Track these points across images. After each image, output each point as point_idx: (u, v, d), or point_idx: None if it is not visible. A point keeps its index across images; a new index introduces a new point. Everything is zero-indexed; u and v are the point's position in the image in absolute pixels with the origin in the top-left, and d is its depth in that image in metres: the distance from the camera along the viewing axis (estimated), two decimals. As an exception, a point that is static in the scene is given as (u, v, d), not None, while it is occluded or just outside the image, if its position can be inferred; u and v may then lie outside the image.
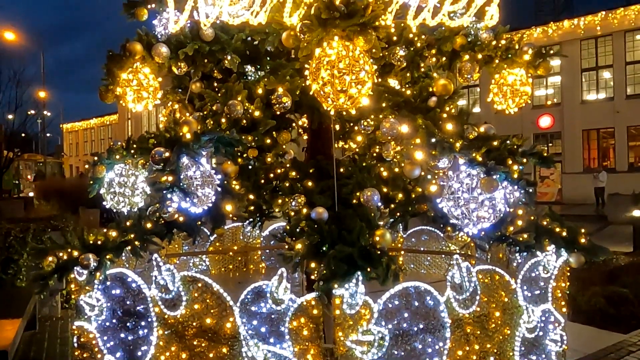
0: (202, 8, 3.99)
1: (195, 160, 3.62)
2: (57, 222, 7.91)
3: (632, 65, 26.01)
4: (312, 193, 4.30)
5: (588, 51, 27.26)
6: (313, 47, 3.39)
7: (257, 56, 4.90)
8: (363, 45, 3.33)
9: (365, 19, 3.24)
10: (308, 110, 4.81)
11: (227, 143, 3.75)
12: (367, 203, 4.01)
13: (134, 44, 4.28)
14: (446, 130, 3.90)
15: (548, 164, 4.69)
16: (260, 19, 3.89)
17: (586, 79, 27.68)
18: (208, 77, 5.14)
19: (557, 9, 31.14)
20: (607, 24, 25.99)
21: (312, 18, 3.36)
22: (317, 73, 3.35)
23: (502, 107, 4.77)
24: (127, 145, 4.77)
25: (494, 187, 3.54)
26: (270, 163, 5.09)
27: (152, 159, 3.57)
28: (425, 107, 4.17)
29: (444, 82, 4.16)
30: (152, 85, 4.42)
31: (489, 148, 3.81)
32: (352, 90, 3.32)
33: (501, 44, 4.62)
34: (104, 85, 4.50)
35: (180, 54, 4.35)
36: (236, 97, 4.15)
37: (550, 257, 4.15)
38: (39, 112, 38.11)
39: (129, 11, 4.80)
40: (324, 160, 4.76)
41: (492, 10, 4.19)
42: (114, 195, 4.94)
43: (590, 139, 27.64)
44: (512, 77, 4.62)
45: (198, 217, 4.00)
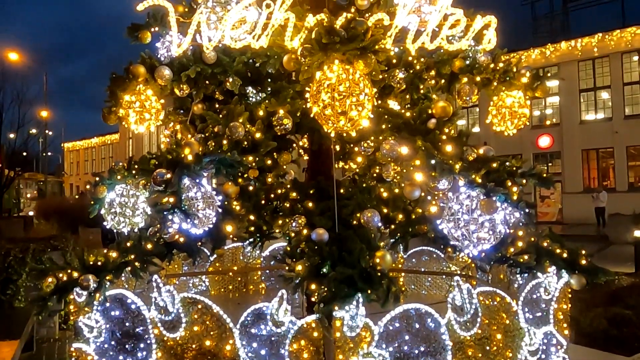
0: (204, 32, 4.06)
1: (197, 182, 3.64)
2: (57, 242, 7.90)
3: (629, 86, 26.24)
4: (313, 214, 4.31)
5: (586, 72, 27.53)
6: (314, 70, 3.45)
7: (258, 78, 4.96)
8: (363, 68, 3.39)
9: (365, 43, 3.30)
10: (309, 131, 4.85)
11: (229, 164, 3.78)
12: (368, 224, 4.02)
13: (137, 67, 4.34)
14: (446, 152, 3.92)
15: (547, 185, 4.71)
16: (261, 43, 3.96)
17: (584, 99, 27.90)
18: (210, 98, 5.19)
19: (554, 31, 31.52)
20: (604, 45, 26.31)
21: (312, 42, 3.42)
22: (317, 96, 3.40)
23: (500, 129, 4.81)
24: (128, 166, 4.80)
25: (494, 208, 3.55)
26: (270, 184, 5.11)
27: (153, 180, 3.59)
28: (425, 129, 4.21)
29: (443, 105, 4.20)
30: (155, 107, 4.47)
31: (489, 170, 3.83)
32: (353, 113, 3.37)
33: (499, 66, 4.68)
34: (107, 107, 4.55)
35: (183, 77, 4.41)
36: (237, 119, 4.19)
37: (552, 279, 4.13)
38: (40, 131, 38.34)
39: (132, 34, 4.88)
40: (324, 181, 4.78)
41: (489, 34, 4.27)
42: (114, 216, 4.94)
43: (589, 158, 27.72)
44: (510, 99, 4.67)
45: (198, 238, 4.01)
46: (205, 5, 4.06)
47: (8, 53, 26.31)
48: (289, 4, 3.96)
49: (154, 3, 4.08)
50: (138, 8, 4.14)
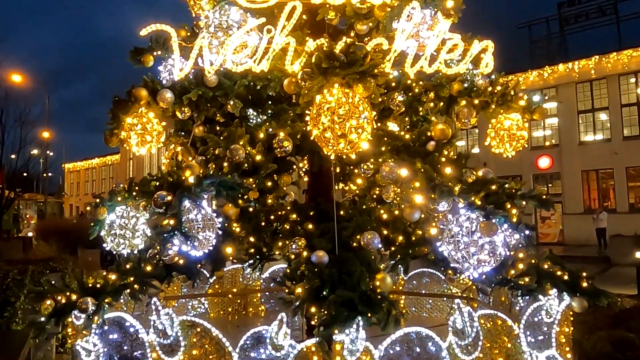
0: (206, 56, 4.13)
1: (197, 204, 3.65)
2: (55, 264, 7.86)
3: (627, 107, 26.44)
4: (313, 236, 4.31)
5: (584, 94, 27.77)
6: (314, 93, 3.50)
7: (259, 101, 5.02)
8: (362, 92, 3.43)
9: (364, 68, 3.35)
10: (309, 153, 4.88)
11: (229, 187, 3.80)
12: (368, 246, 4.02)
13: (139, 90, 4.40)
14: (445, 174, 3.95)
15: (547, 206, 4.71)
16: (262, 67, 4.03)
17: (583, 120, 28.08)
18: (211, 121, 5.24)
19: (552, 53, 31.92)
20: (601, 67, 26.60)
21: (312, 66, 3.48)
22: (317, 119, 3.44)
23: (499, 151, 4.84)
24: (129, 188, 4.81)
25: (494, 231, 3.56)
26: (271, 205, 5.12)
27: (154, 202, 3.60)
28: (424, 151, 4.24)
29: (442, 127, 4.24)
30: (156, 130, 4.51)
31: (488, 192, 3.85)
32: (352, 136, 3.40)
33: (497, 90, 4.74)
34: (109, 129, 4.59)
35: (184, 99, 4.46)
36: (238, 142, 4.23)
37: (553, 302, 4.11)
38: (42, 152, 38.48)
39: (135, 58, 4.95)
40: (324, 202, 4.79)
41: (487, 58, 4.33)
42: (114, 237, 4.94)
43: (589, 179, 27.75)
44: (508, 121, 4.72)
45: (198, 260, 4.00)
46: (208, 30, 4.14)
47: (12, 75, 26.62)
48: (289, 29, 4.04)
49: (157, 28, 4.15)
50: (141, 33, 4.22)
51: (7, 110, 29.66)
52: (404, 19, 4.20)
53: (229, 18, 4.19)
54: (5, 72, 26.62)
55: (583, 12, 31.45)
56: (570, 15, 31.73)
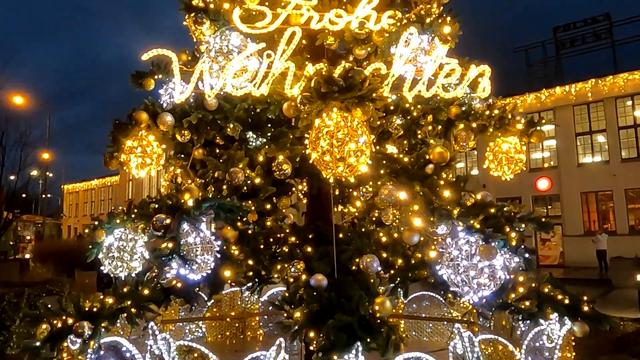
0: (207, 80, 4.19)
1: (196, 227, 3.64)
2: (52, 287, 7.80)
3: (625, 129, 26.62)
4: (312, 259, 4.29)
5: (581, 116, 27.97)
6: (313, 117, 3.53)
7: (258, 123, 5.06)
8: (361, 116, 3.46)
9: (362, 92, 3.39)
10: (308, 176, 4.90)
11: (228, 210, 3.80)
12: (367, 270, 4.00)
13: (140, 113, 4.43)
14: (444, 197, 3.95)
15: (547, 229, 4.70)
16: (262, 91, 4.08)
17: (581, 142, 28.22)
18: (210, 143, 5.27)
19: (549, 76, 32.25)
20: (597, 90, 26.86)
21: (312, 91, 3.52)
22: (316, 142, 3.46)
23: (498, 174, 4.86)
24: (128, 210, 4.81)
25: (493, 254, 3.54)
26: (269, 227, 5.11)
27: (153, 225, 3.60)
28: (423, 174, 4.25)
29: (440, 150, 4.27)
30: (156, 152, 4.53)
31: (487, 215, 3.85)
32: (351, 159, 3.42)
33: (494, 113, 4.78)
34: (109, 152, 4.61)
35: (184, 123, 4.49)
36: (237, 165, 4.24)
37: (554, 326, 4.06)
38: (41, 173, 38.49)
39: (136, 81, 5.00)
40: (323, 225, 4.79)
41: (484, 82, 4.39)
42: (112, 260, 4.91)
43: (589, 201, 27.73)
44: (506, 145, 4.75)
45: (196, 283, 3.97)
46: (208, 55, 4.20)
47: (13, 97, 26.82)
48: (289, 53, 4.10)
49: (159, 53, 4.21)
50: (143, 58, 4.28)
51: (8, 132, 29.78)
52: (402, 44, 4.28)
53: (229, 43, 4.26)
54: (7, 95, 26.83)
55: (579, 36, 31.89)
56: (566, 39, 32.16)
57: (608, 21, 31.13)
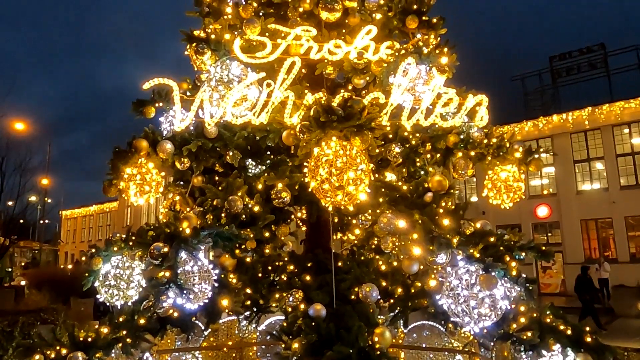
0: (207, 108, 4.23)
1: (194, 255, 3.62)
2: (47, 315, 7.69)
3: (622, 157, 26.75)
4: (310, 288, 4.25)
5: (579, 144, 28.15)
6: (312, 146, 3.55)
7: (258, 151, 5.08)
8: (360, 145, 3.48)
9: (361, 121, 3.42)
10: (307, 204, 4.90)
11: (226, 238, 3.78)
12: (366, 299, 3.95)
13: (140, 141, 4.45)
14: (443, 226, 3.94)
15: (547, 258, 4.67)
16: (262, 119, 4.11)
17: (579, 169, 28.31)
18: (210, 170, 5.28)
19: (546, 104, 32.61)
20: (594, 118, 27.12)
21: (311, 120, 3.55)
22: (315, 171, 3.47)
23: (497, 202, 4.86)
24: (126, 237, 4.78)
25: (493, 284, 3.51)
26: (268, 255, 5.07)
27: (150, 254, 3.57)
28: (422, 203, 4.25)
29: (439, 178, 4.27)
30: (155, 180, 4.53)
31: (486, 244, 3.82)
32: (350, 188, 3.42)
33: (492, 142, 4.80)
34: (108, 179, 4.61)
35: (184, 150, 4.51)
36: (236, 193, 4.24)
37: (557, 357, 3.99)
38: (40, 199, 38.43)
39: (137, 109, 5.04)
40: (322, 253, 4.76)
41: (481, 112, 4.43)
42: (108, 288, 4.86)
43: (589, 229, 27.64)
44: (504, 173, 4.76)
45: (193, 313, 3.91)
46: (209, 84, 4.25)
47: (14, 123, 27.01)
48: (288, 83, 4.15)
49: (160, 82, 4.27)
50: (144, 87, 4.33)
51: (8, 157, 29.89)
52: (400, 74, 4.34)
53: (230, 72, 4.32)
54: (8, 122, 27.04)
55: (574, 65, 32.35)
56: (562, 69, 32.62)
57: (603, 51, 31.66)
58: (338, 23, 5.02)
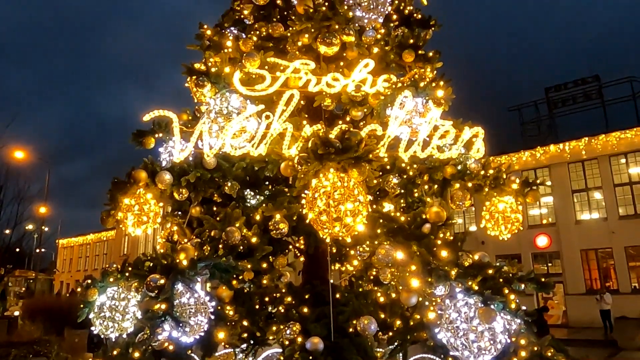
0: (206, 140, 4.27)
1: (190, 287, 3.59)
2: (40, 347, 7.54)
3: (620, 187, 26.81)
4: (308, 320, 4.20)
5: (576, 173, 28.24)
6: (310, 177, 3.57)
7: (256, 182, 5.11)
8: (357, 176, 3.51)
9: (359, 153, 3.46)
10: (305, 235, 4.89)
11: (224, 269, 3.76)
12: (364, 332, 3.91)
13: (139, 172, 4.48)
14: (441, 258, 3.93)
15: (547, 289, 4.64)
16: (260, 151, 4.15)
17: (578, 199, 28.31)
18: (208, 201, 5.29)
19: (543, 134, 32.90)
20: (591, 148, 27.30)
21: (309, 151, 3.58)
22: (313, 202, 3.49)
23: (495, 233, 4.85)
24: (122, 268, 4.75)
25: (493, 317, 3.47)
26: (265, 286, 5.03)
27: (146, 286, 3.54)
28: (420, 234, 4.24)
29: (436, 210, 4.28)
30: (153, 211, 4.53)
31: (485, 276, 3.80)
32: (348, 219, 3.43)
33: (489, 173, 4.83)
34: (106, 210, 4.61)
35: (183, 181, 4.53)
36: (234, 224, 4.24)
37: (559, 393, 3.91)
38: (37, 228, 38.22)
39: (137, 140, 5.08)
40: (320, 285, 4.72)
41: (478, 144, 4.48)
42: (103, 320, 4.79)
43: (589, 259, 27.43)
44: (502, 204, 4.76)
45: (189, 346, 3.85)
46: (208, 116, 4.30)
47: (14, 152, 27.13)
48: (287, 115, 4.21)
49: (160, 114, 4.32)
50: (144, 119, 4.38)
51: (7, 186, 29.94)
52: (397, 107, 4.40)
53: (229, 105, 4.38)
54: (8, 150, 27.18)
55: (570, 96, 32.81)
56: (557, 99, 33.07)
57: (597, 82, 32.19)
58: (336, 56, 5.13)
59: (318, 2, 5.19)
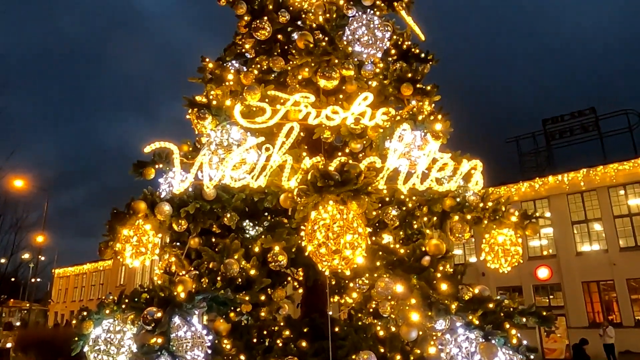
0: (206, 171, 4.29)
1: (187, 320, 3.54)
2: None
3: (620, 218, 26.74)
4: (306, 355, 4.13)
5: (576, 204, 28.20)
6: (309, 210, 3.58)
7: (255, 213, 5.10)
8: (356, 209, 3.52)
9: (358, 186, 3.48)
10: (303, 267, 4.86)
11: (221, 302, 3.72)
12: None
13: (138, 203, 4.48)
14: (441, 291, 3.89)
15: (549, 323, 4.58)
16: (260, 182, 4.17)
17: (578, 230, 28.18)
18: (207, 231, 5.27)
19: (541, 165, 33.05)
20: (589, 180, 27.36)
21: (308, 184, 3.60)
22: (312, 235, 3.48)
23: (495, 266, 4.82)
24: (118, 300, 4.69)
25: (494, 353, 3.42)
26: (263, 319, 4.96)
27: (143, 319, 3.50)
28: (419, 267, 4.22)
29: (436, 242, 4.27)
30: (151, 242, 4.51)
31: (486, 311, 3.76)
32: (347, 252, 3.42)
33: (488, 205, 4.83)
34: (104, 241, 4.59)
35: (182, 212, 4.53)
36: (233, 256, 4.22)
37: None
38: (33, 257, 37.92)
39: (137, 171, 5.11)
40: (318, 318, 4.66)
41: (476, 176, 4.50)
42: (98, 353, 4.70)
43: (591, 291, 27.10)
44: (501, 237, 4.75)
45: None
46: (209, 148, 4.34)
47: (12, 181, 27.17)
48: (287, 147, 4.25)
49: (161, 146, 4.36)
50: (145, 150, 4.42)
51: (5, 216, 29.87)
52: (396, 139, 4.45)
53: (230, 137, 4.43)
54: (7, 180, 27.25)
55: (567, 128, 33.11)
56: (555, 131, 33.36)
57: (594, 114, 32.54)
58: (336, 90, 5.22)
59: (318, 37, 5.32)
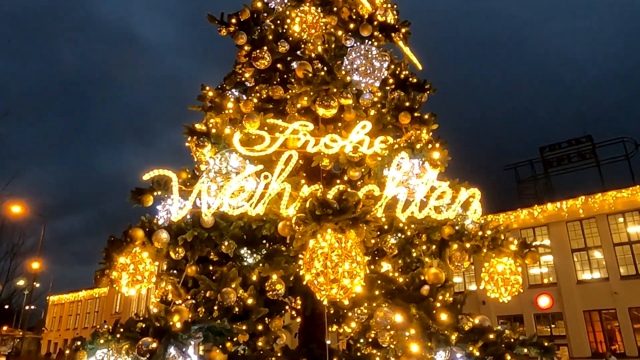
0: (204, 199, 4.29)
1: (183, 351, 3.48)
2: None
3: (620, 246, 26.59)
4: (304, 388, 4.04)
5: (575, 232, 28.06)
6: (307, 238, 3.56)
7: (254, 240, 5.07)
8: (355, 237, 3.50)
9: (356, 214, 3.47)
10: (301, 295, 4.81)
11: (218, 332, 3.66)
12: (363, 401, 3.74)
13: (135, 230, 4.45)
14: (441, 321, 3.84)
15: (551, 355, 4.50)
16: (258, 210, 4.16)
17: (578, 258, 27.96)
18: (204, 259, 5.22)
19: (539, 193, 33.08)
20: (588, 207, 27.32)
21: (307, 212, 3.60)
22: (310, 263, 3.46)
23: (495, 296, 4.76)
24: (113, 329, 4.61)
25: (496, 385, 3.35)
26: (261, 349, 4.87)
27: (138, 350, 3.44)
28: (419, 296, 4.18)
29: (435, 271, 4.24)
30: (148, 270, 4.47)
31: (486, 342, 3.70)
32: (345, 281, 3.38)
33: (487, 234, 4.81)
34: (100, 269, 4.55)
35: (180, 240, 4.50)
36: (230, 284, 4.18)
37: None
38: (28, 284, 37.45)
39: (135, 198, 5.11)
40: (316, 349, 4.58)
41: (474, 205, 4.50)
42: (90, 385, 4.60)
43: (593, 320, 26.73)
44: (501, 266, 4.71)
45: (178, 415, 3.68)
46: (207, 176, 4.35)
47: (9, 207, 27.05)
48: (285, 175, 4.26)
49: (160, 173, 4.37)
50: (144, 178, 4.42)
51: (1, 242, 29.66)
52: (394, 168, 4.47)
53: (228, 164, 4.44)
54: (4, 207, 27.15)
55: (564, 155, 33.28)
56: (552, 159, 33.51)
57: (591, 142, 32.76)
58: (334, 118, 5.26)
59: (317, 66, 5.40)
